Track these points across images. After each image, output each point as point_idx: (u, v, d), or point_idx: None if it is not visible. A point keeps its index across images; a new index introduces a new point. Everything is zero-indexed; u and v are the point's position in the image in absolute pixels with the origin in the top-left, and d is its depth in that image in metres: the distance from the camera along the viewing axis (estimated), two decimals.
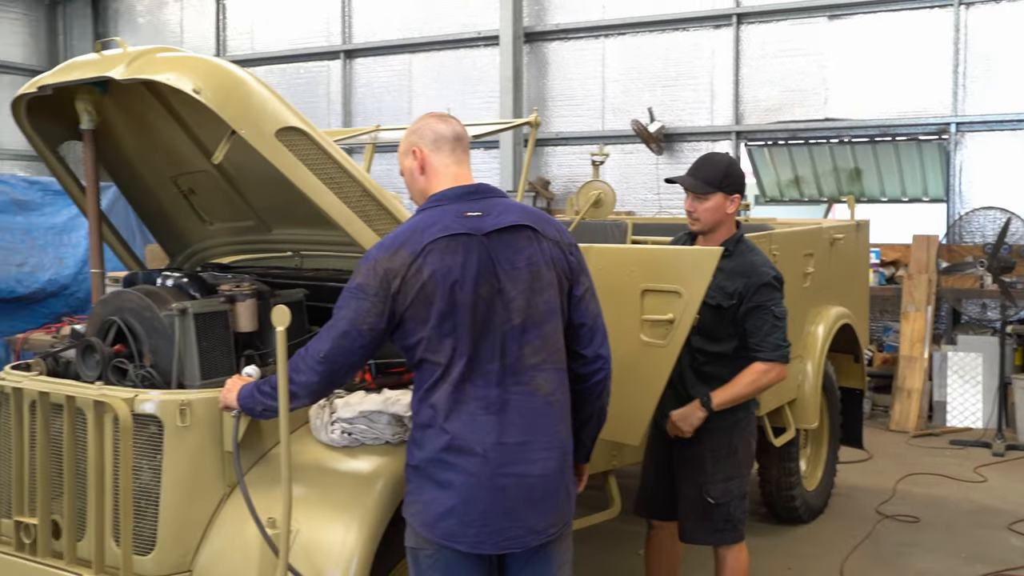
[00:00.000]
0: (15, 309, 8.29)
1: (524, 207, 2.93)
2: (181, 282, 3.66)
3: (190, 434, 3.13)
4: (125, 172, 4.22)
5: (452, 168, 2.92)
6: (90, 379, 3.42)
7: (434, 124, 2.95)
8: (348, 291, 2.81)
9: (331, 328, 2.81)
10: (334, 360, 2.80)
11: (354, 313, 2.77)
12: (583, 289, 2.93)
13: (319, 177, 3.33)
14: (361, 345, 2.79)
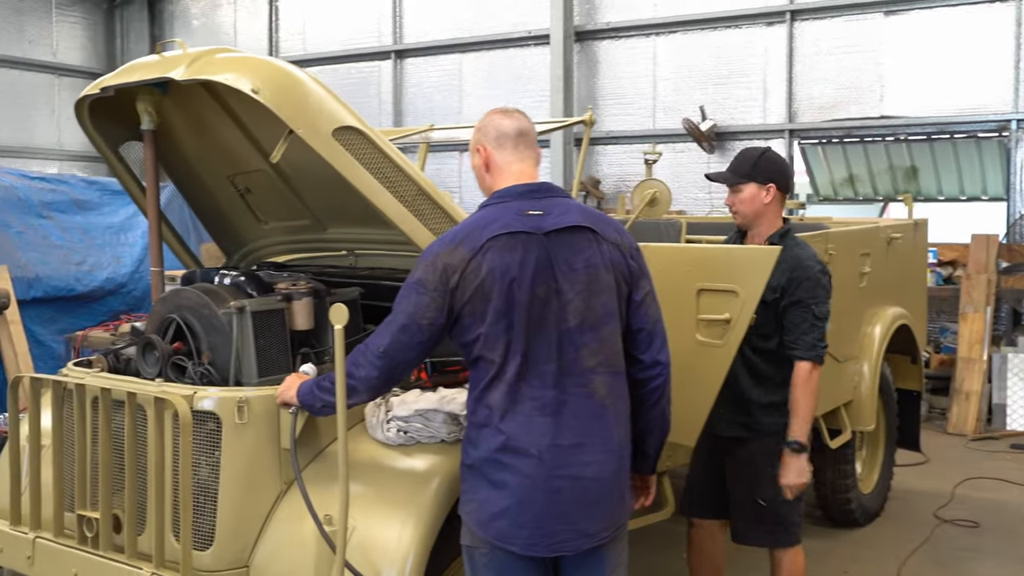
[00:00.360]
0: (74, 307, 8.42)
1: (585, 208, 2.92)
2: (238, 280, 3.69)
3: (248, 431, 3.16)
4: (183, 171, 4.28)
5: (515, 165, 2.91)
6: (150, 376, 3.47)
7: (497, 120, 2.95)
8: (408, 286, 2.82)
9: (390, 323, 2.82)
10: (394, 355, 2.81)
11: (413, 307, 2.78)
12: (643, 293, 2.91)
13: (375, 176, 3.35)
14: (420, 340, 2.80)
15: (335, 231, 4.36)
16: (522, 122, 2.95)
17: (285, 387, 3.12)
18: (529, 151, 2.94)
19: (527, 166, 2.93)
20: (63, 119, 15.02)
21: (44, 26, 14.90)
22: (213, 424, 3.18)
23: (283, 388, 3.13)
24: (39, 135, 14.84)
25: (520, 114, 2.97)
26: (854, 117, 10.72)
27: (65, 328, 8.35)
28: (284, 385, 3.13)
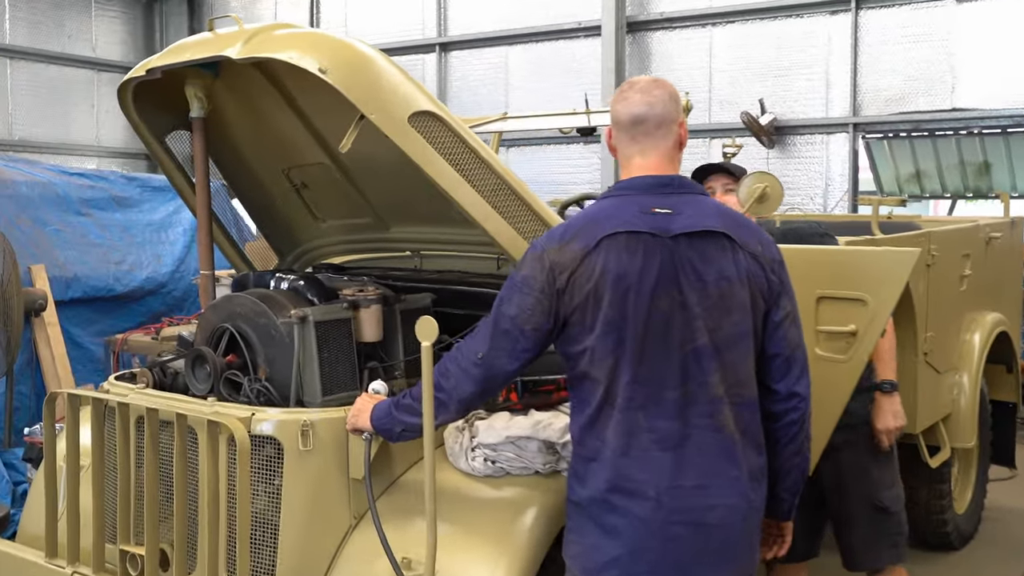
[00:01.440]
0: (113, 308, 8.10)
1: (724, 210, 2.50)
2: (297, 285, 3.31)
3: (313, 458, 2.78)
4: (233, 164, 3.90)
5: (636, 160, 2.50)
6: (200, 392, 3.09)
7: (614, 103, 2.54)
8: (511, 285, 2.43)
9: (488, 327, 2.43)
10: (492, 364, 2.42)
11: (517, 309, 2.39)
12: (783, 314, 2.49)
13: (454, 167, 2.95)
14: (524, 348, 2.41)
15: (399, 230, 3.97)
16: (637, 106, 2.50)
17: (357, 411, 2.73)
18: (649, 139, 2.51)
19: (648, 158, 2.51)
20: (102, 115, 14.79)
21: (83, 21, 14.67)
22: (273, 450, 2.80)
23: (354, 412, 2.74)
24: (77, 131, 14.61)
25: (641, 93, 2.52)
26: (923, 110, 10.20)
27: (104, 330, 8.05)
28: (355, 408, 2.74)
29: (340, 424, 2.81)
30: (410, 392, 2.58)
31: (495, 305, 2.45)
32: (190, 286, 8.63)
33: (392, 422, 2.61)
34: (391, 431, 2.63)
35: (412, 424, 2.56)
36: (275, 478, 2.80)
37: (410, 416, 2.55)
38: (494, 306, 2.45)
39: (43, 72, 14.15)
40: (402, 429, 2.60)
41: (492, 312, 2.45)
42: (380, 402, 2.69)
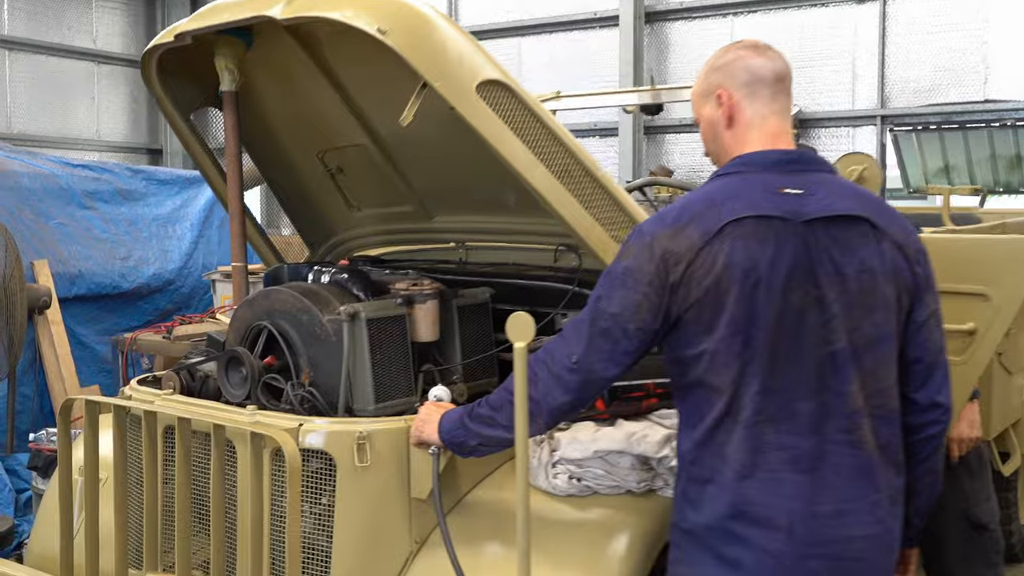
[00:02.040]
0: (119, 305, 7.77)
1: (861, 191, 2.16)
2: (340, 278, 2.96)
3: (370, 476, 2.43)
4: (263, 146, 3.55)
5: (771, 122, 2.15)
6: (235, 399, 2.74)
7: (749, 58, 2.18)
8: (612, 277, 2.08)
9: (585, 326, 2.09)
10: (590, 368, 2.07)
11: (619, 306, 2.04)
12: (927, 313, 2.14)
13: (528, 145, 2.60)
14: (625, 350, 2.07)
15: (444, 219, 3.62)
16: (780, 64, 2.18)
17: (422, 422, 2.38)
18: (788, 105, 2.18)
19: (784, 125, 2.17)
20: (102, 108, 14.41)
21: (83, 12, 14.27)
22: (323, 466, 2.45)
23: (419, 423, 2.39)
24: (77, 125, 14.22)
25: (775, 52, 2.20)
26: (954, 102, 9.86)
27: (109, 328, 7.71)
28: (420, 419, 2.40)
29: (401, 436, 2.46)
30: (487, 401, 2.24)
31: (591, 301, 2.10)
32: (198, 282, 8.30)
33: (466, 435, 2.26)
34: (464, 445, 2.28)
35: (491, 437, 2.22)
36: (325, 497, 2.45)
37: (488, 428, 2.21)
38: (590, 302, 2.11)
39: (43, 64, 13.76)
40: (478, 443, 2.25)
41: (587, 309, 2.10)
42: (449, 412, 2.35)
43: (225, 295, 6.49)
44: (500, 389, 2.21)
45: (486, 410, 2.22)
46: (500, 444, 2.25)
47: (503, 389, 2.20)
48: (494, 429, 2.19)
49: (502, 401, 2.18)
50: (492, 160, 3.16)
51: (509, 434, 2.17)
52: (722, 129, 2.20)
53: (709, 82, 2.21)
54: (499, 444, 2.24)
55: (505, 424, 2.16)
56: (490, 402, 2.22)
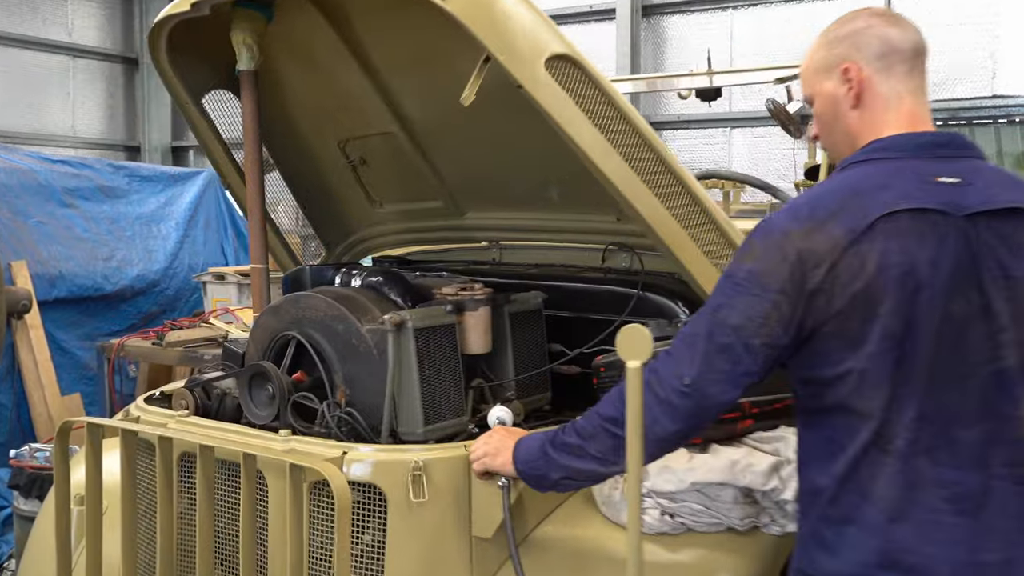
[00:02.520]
0: (101, 308, 7.35)
1: (1021, 180, 1.84)
2: (373, 282, 2.62)
3: (426, 512, 2.09)
4: (279, 134, 3.19)
5: (907, 101, 1.82)
6: (261, 420, 2.39)
7: (881, 26, 1.84)
8: (733, 283, 1.75)
9: (699, 340, 1.75)
10: (704, 392, 1.74)
11: (743, 317, 1.71)
12: None
13: (602, 131, 2.26)
14: (748, 370, 1.73)
15: (477, 215, 3.28)
16: (917, 36, 1.85)
17: (492, 450, 2.04)
18: (924, 83, 1.86)
19: (924, 107, 1.85)
20: (78, 103, 13.92)
21: (59, 3, 13.78)
22: (371, 501, 2.11)
23: (486, 451, 2.05)
24: (52, 121, 13.72)
25: (909, 22, 1.88)
26: (961, 97, 9.60)
27: (90, 333, 7.29)
28: (488, 447, 2.06)
29: (460, 466, 2.12)
30: (574, 428, 1.90)
31: (707, 312, 1.77)
32: (184, 284, 7.90)
33: (548, 466, 1.92)
34: (545, 479, 1.95)
35: (580, 471, 1.88)
36: (368, 535, 2.11)
37: (577, 460, 1.87)
38: (704, 313, 1.77)
39: (15, 57, 13.26)
40: (563, 476, 1.92)
41: (702, 321, 1.76)
42: (524, 439, 2.01)
43: (217, 298, 6.11)
44: (591, 414, 1.88)
45: (574, 439, 1.88)
46: (590, 479, 1.92)
47: (595, 415, 1.86)
48: (584, 461, 1.86)
49: (595, 429, 1.84)
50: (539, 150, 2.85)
51: (603, 468, 1.84)
52: (847, 109, 1.86)
53: (832, 54, 1.88)
54: (588, 478, 1.92)
55: (598, 455, 1.83)
56: (579, 429, 1.88)
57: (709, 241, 2.47)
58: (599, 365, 2.30)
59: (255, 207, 2.79)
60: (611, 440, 1.81)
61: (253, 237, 2.76)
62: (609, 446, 1.81)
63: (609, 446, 1.81)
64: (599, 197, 2.87)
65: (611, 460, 1.83)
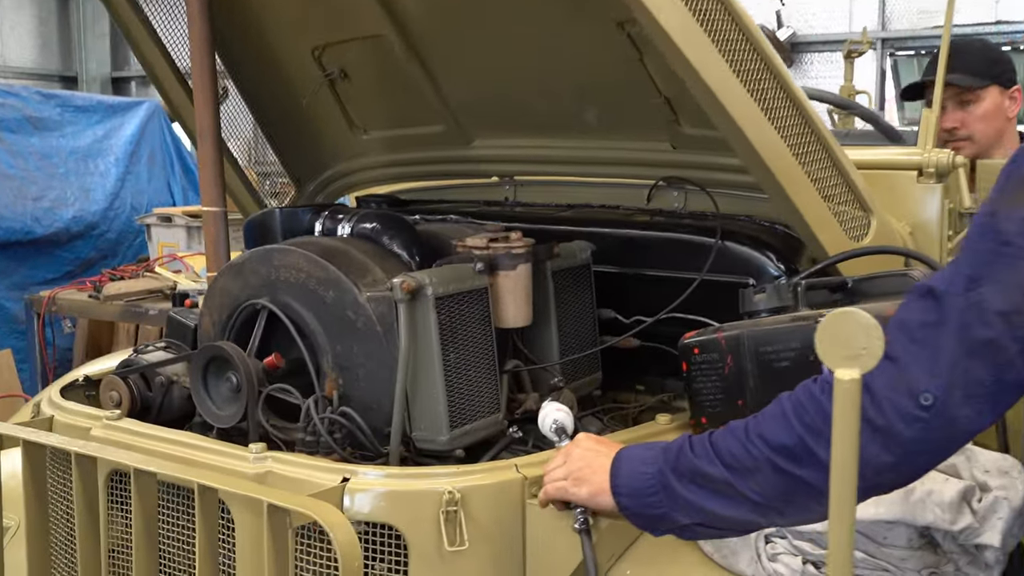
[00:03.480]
0: (32, 254, 6.61)
1: None
2: (367, 229, 1.96)
3: (465, 564, 1.45)
4: (237, 39, 2.47)
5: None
6: (222, 422, 1.74)
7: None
8: (998, 241, 1.12)
9: (947, 335, 1.12)
10: (952, 415, 1.12)
11: (1007, 300, 1.09)
12: None
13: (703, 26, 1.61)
14: (1019, 380, 1.12)
15: (486, 143, 2.61)
16: None
17: (575, 471, 1.41)
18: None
19: None
20: (6, 30, 12.86)
21: None
22: (382, 546, 1.47)
23: (567, 472, 1.42)
24: None
25: None
26: (961, 24, 9.03)
27: (21, 282, 6.56)
28: (572, 465, 1.42)
29: (512, 495, 1.49)
30: (712, 448, 1.26)
31: (950, 288, 1.13)
32: (126, 227, 7.15)
33: (672, 503, 1.29)
34: (665, 520, 1.32)
35: (724, 518, 1.26)
36: None
37: (722, 501, 1.25)
38: (944, 290, 1.13)
39: None
40: (697, 522, 1.29)
41: (945, 306, 1.12)
42: (624, 456, 1.37)
43: (164, 242, 5.39)
44: (745, 433, 1.24)
45: (717, 469, 1.24)
46: (736, 528, 1.31)
47: (755, 438, 1.22)
48: (733, 504, 1.24)
49: (755, 460, 1.21)
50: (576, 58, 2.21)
51: (762, 517, 1.23)
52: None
53: None
54: (734, 527, 1.30)
55: (757, 498, 1.22)
56: (725, 454, 1.24)
57: (827, 181, 1.85)
58: (691, 345, 1.66)
59: (207, 133, 2.08)
60: (782, 480, 1.19)
61: (205, 170, 2.05)
62: (778, 488, 1.20)
63: (778, 488, 1.20)
64: (650, 120, 2.26)
65: (777, 507, 1.21)
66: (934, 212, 2.23)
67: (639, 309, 2.09)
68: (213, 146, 2.08)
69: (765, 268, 2.01)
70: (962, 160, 2.26)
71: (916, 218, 2.24)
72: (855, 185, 1.93)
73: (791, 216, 1.82)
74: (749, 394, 1.57)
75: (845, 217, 1.92)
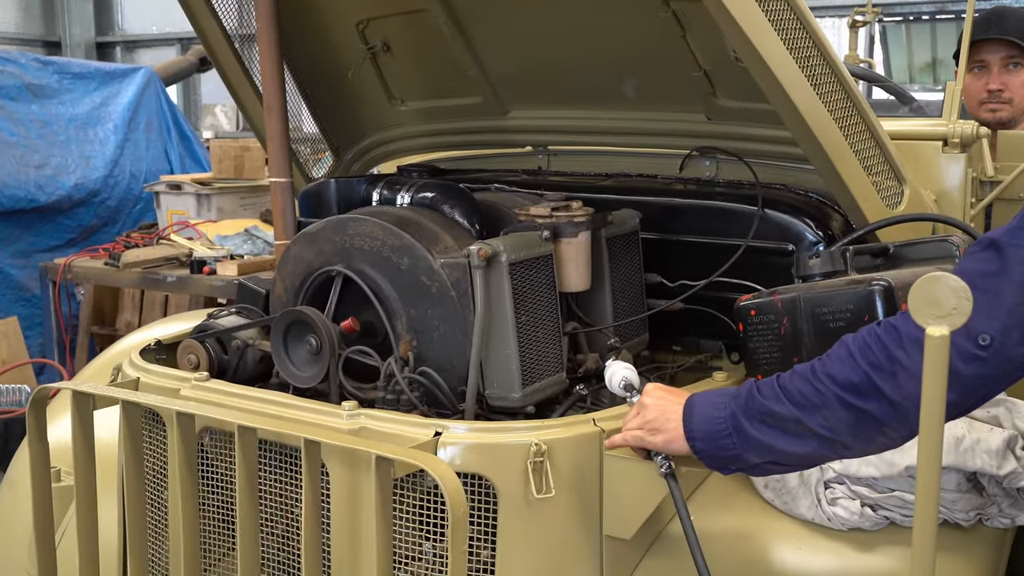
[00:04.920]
0: (36, 221, 6.63)
1: None
2: (428, 198, 2.06)
3: (550, 511, 1.57)
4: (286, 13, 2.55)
5: None
6: (304, 382, 1.84)
7: None
8: None
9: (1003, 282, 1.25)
10: (1009, 353, 1.24)
11: None
12: None
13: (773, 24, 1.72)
14: None
15: (522, 114, 2.71)
16: None
17: (651, 420, 1.52)
18: None
19: None
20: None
21: None
22: (474, 496, 1.58)
23: (641, 422, 1.53)
24: None
25: None
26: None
27: (25, 249, 6.60)
28: (648, 415, 1.53)
29: (591, 447, 1.61)
30: (781, 390, 1.39)
31: (1004, 240, 1.25)
32: (126, 194, 7.18)
33: (744, 444, 1.42)
34: (738, 460, 1.44)
35: (794, 454, 1.39)
36: (478, 544, 1.59)
37: (792, 439, 1.38)
38: (1002, 242, 1.26)
39: None
40: (767, 460, 1.42)
41: (998, 255, 1.25)
42: (695, 402, 1.49)
43: (173, 210, 5.44)
44: (812, 375, 1.37)
45: (787, 408, 1.37)
46: (804, 463, 1.44)
47: (823, 376, 1.36)
48: (803, 440, 1.37)
49: (824, 397, 1.34)
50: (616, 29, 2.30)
51: (831, 451, 1.38)
52: None
53: None
54: (802, 463, 1.44)
55: (826, 433, 1.35)
56: (794, 394, 1.37)
57: (867, 153, 1.97)
58: (748, 307, 1.78)
59: (274, 105, 2.17)
60: (849, 414, 1.33)
61: (272, 143, 2.15)
62: (846, 421, 1.33)
63: (846, 421, 1.33)
64: (687, 92, 2.36)
65: (844, 441, 1.35)
66: (958, 180, 2.35)
67: (681, 274, 2.21)
68: (280, 119, 2.16)
69: (804, 235, 2.12)
70: (985, 131, 2.38)
71: (941, 186, 2.36)
72: (891, 156, 2.04)
73: (836, 186, 1.93)
74: (805, 351, 1.69)
75: (882, 186, 2.04)
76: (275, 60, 2.16)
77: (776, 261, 2.05)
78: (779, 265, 2.03)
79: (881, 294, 1.62)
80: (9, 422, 4.43)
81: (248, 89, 2.54)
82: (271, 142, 2.17)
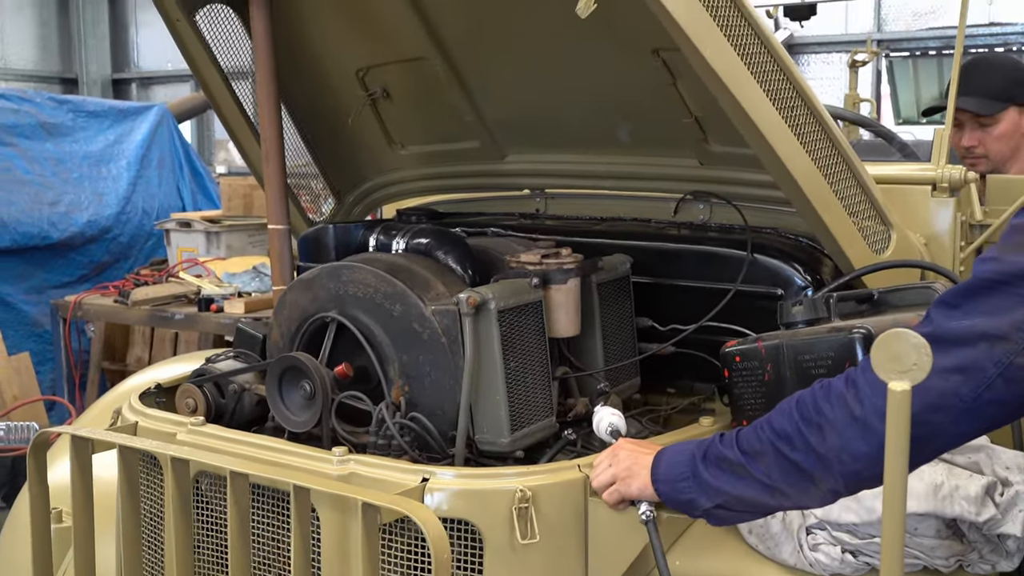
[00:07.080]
0: (49, 258, 6.71)
1: None
2: (422, 245, 2.10)
3: (533, 556, 1.60)
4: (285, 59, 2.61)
5: None
6: (298, 427, 1.88)
7: None
8: (996, 280, 1.26)
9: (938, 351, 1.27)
10: (931, 422, 1.29)
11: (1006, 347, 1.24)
12: None
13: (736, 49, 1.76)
14: (997, 399, 1.27)
15: (519, 159, 2.76)
16: None
17: (624, 470, 1.57)
18: None
19: None
20: (7, 32, 12.94)
21: None
22: (460, 542, 1.61)
23: (617, 472, 1.58)
24: None
25: None
26: (953, 26, 9.18)
27: (38, 286, 6.66)
28: (620, 466, 1.58)
29: (576, 492, 1.64)
30: (735, 439, 1.48)
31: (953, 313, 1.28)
32: (138, 231, 7.25)
33: (699, 488, 1.50)
34: (693, 505, 1.51)
35: (740, 498, 1.48)
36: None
37: (737, 482, 1.48)
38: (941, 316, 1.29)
39: None
40: (716, 504, 1.48)
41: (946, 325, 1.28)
42: (665, 451, 1.55)
43: (183, 247, 5.51)
44: (761, 424, 1.44)
45: (733, 452, 1.44)
46: (750, 509, 1.51)
47: (765, 427, 1.43)
48: (745, 484, 1.46)
49: (763, 445, 1.41)
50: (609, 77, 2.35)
51: (768, 497, 1.47)
52: None
53: None
54: (749, 509, 1.51)
55: (764, 478, 1.42)
56: (742, 441, 1.43)
57: (852, 198, 2.01)
58: (733, 354, 1.81)
59: (272, 152, 2.22)
60: (783, 463, 1.41)
61: (271, 189, 2.20)
62: (781, 470, 1.42)
63: (781, 470, 1.42)
64: (679, 137, 2.40)
65: (782, 489, 1.43)
66: (947, 224, 2.38)
67: (672, 317, 2.24)
68: (277, 167, 2.22)
69: (792, 279, 2.15)
70: (973, 176, 2.41)
71: (931, 230, 2.39)
72: (876, 201, 2.08)
73: (820, 232, 1.96)
74: None
75: (868, 231, 2.07)
76: (274, 108, 2.22)
77: (766, 305, 2.08)
78: (769, 309, 2.06)
79: (861, 341, 1.65)
80: (17, 459, 4.48)
81: (248, 135, 2.60)
82: (269, 189, 2.22)
